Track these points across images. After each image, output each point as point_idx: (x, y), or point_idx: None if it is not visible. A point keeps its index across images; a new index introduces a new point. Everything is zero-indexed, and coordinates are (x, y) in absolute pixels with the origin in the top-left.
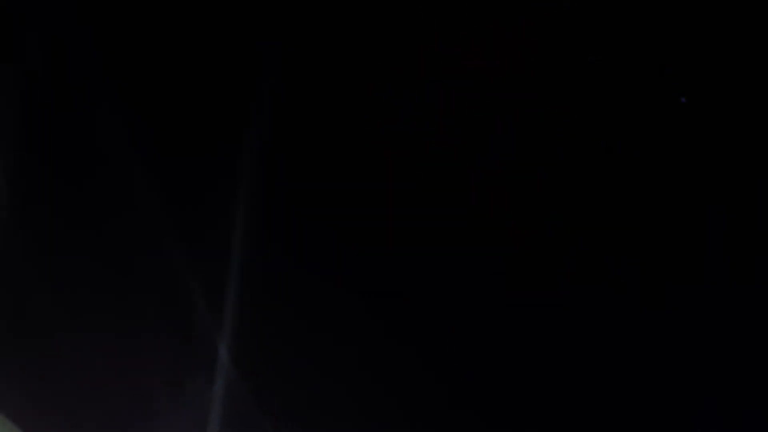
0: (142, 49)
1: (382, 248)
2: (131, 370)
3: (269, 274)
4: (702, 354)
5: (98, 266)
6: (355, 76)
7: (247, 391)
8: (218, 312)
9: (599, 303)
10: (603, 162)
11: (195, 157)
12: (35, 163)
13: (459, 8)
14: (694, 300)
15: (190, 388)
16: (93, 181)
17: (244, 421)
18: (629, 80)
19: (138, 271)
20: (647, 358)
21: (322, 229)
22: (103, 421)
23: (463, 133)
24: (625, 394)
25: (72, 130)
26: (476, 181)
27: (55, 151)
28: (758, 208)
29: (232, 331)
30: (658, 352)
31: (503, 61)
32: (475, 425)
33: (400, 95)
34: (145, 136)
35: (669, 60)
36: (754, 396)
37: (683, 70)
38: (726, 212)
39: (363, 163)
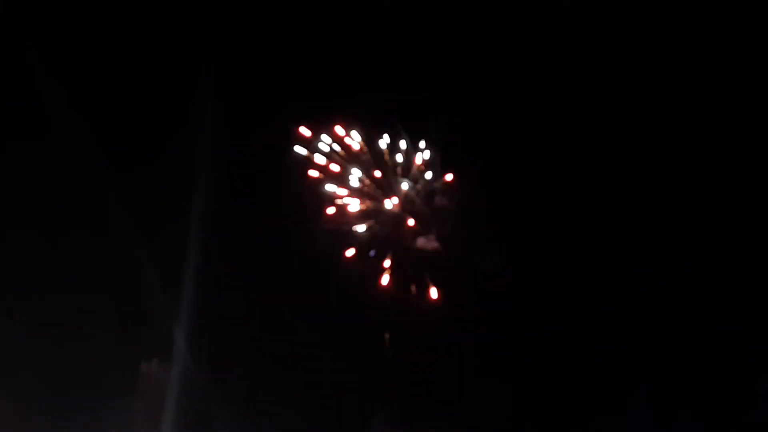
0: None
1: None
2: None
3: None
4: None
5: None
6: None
7: (203, 382)
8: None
9: None
10: None
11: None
12: None
13: None
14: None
15: (144, 376)
16: (46, 175)
17: (198, 410)
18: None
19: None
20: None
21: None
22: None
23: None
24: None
25: (23, 129)
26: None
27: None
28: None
29: (188, 320)
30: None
31: None
32: None
33: None
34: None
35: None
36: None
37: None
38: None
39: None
